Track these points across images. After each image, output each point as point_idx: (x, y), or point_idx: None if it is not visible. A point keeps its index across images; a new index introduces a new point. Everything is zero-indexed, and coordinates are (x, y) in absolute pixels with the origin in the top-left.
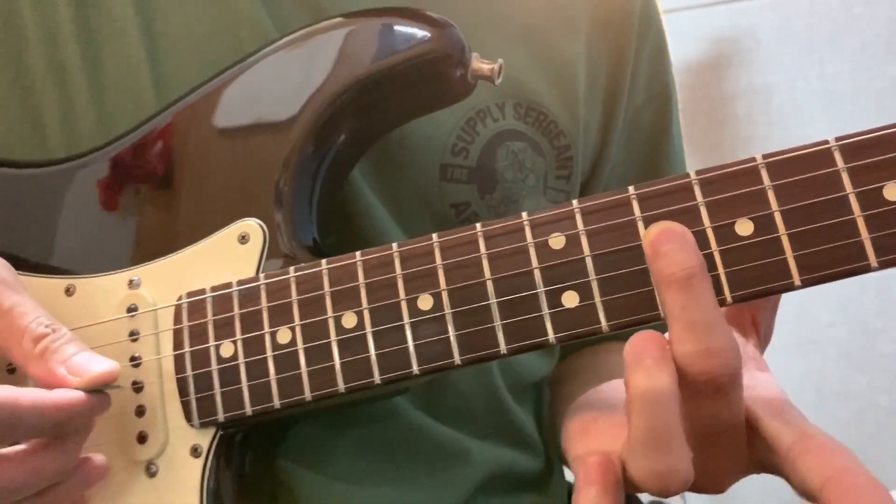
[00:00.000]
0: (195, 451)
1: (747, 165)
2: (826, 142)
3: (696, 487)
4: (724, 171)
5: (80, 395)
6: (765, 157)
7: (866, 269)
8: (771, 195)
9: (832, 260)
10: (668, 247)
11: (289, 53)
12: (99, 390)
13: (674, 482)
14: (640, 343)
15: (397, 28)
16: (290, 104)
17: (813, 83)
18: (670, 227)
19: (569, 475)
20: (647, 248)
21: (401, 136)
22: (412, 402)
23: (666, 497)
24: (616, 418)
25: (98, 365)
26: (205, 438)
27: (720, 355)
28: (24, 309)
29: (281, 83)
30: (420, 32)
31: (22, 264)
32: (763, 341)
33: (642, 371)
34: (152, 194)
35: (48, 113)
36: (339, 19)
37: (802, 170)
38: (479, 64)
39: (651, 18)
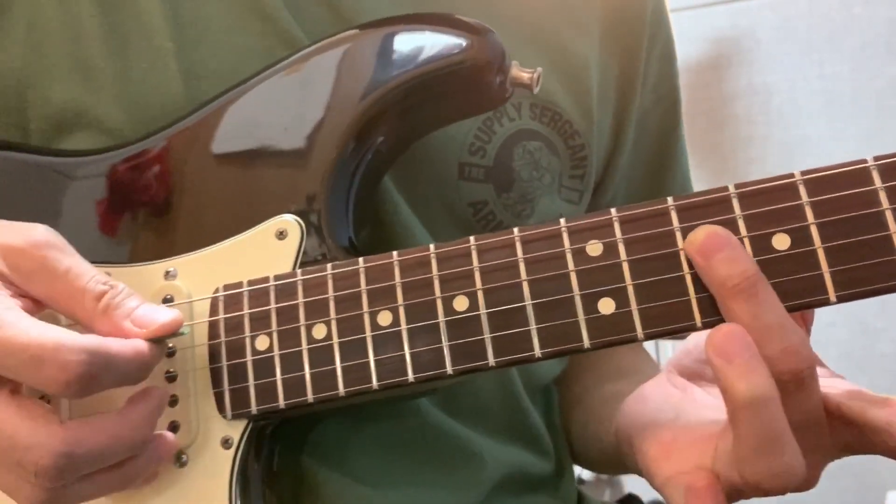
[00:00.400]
0: (226, 443)
1: (786, 181)
2: (864, 161)
3: None
4: (763, 185)
5: (147, 343)
6: (803, 173)
7: None
8: (808, 210)
9: (868, 276)
10: (721, 255)
11: (326, 58)
12: (160, 340)
13: (793, 479)
14: (725, 342)
15: (440, 34)
16: (329, 108)
17: (813, 83)
18: (716, 232)
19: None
20: (694, 255)
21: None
22: (431, 401)
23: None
24: (695, 435)
25: (161, 315)
26: (236, 430)
27: (799, 351)
28: (80, 270)
29: (319, 88)
30: (461, 39)
31: None
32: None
33: (741, 377)
34: (191, 187)
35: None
36: (375, 25)
37: (840, 187)
38: (519, 72)
39: (661, 19)
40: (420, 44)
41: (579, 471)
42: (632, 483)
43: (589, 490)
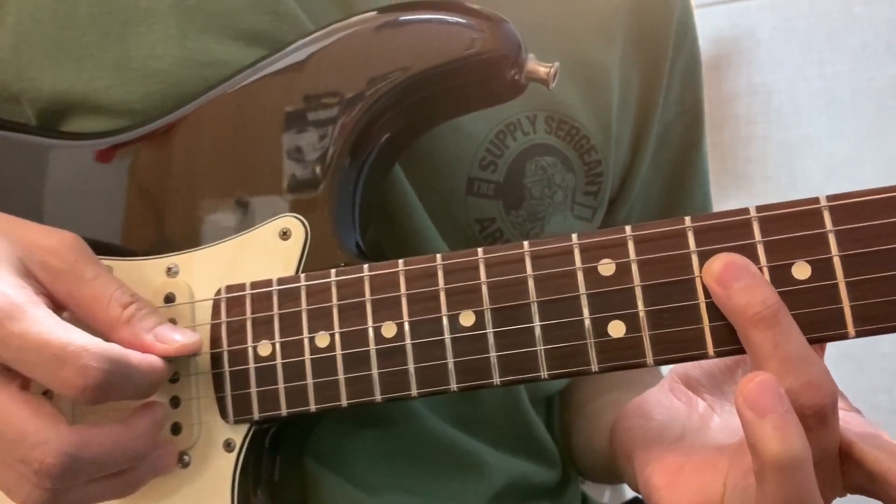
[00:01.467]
0: (228, 446)
1: (810, 207)
2: (894, 188)
3: None
4: (786, 210)
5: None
6: (829, 198)
7: None
8: (832, 240)
9: (890, 312)
10: (740, 283)
11: (335, 45)
12: (171, 360)
13: None
14: (759, 395)
15: (450, 22)
16: (337, 99)
17: (813, 83)
18: (734, 261)
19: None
20: (712, 284)
21: (430, 146)
22: (435, 410)
23: None
24: (702, 462)
25: (181, 336)
26: (238, 433)
27: (822, 385)
28: (108, 278)
29: (327, 77)
30: (475, 28)
31: None
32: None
33: (775, 436)
34: (194, 181)
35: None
36: (386, 11)
37: (867, 216)
38: (536, 66)
39: (688, 28)
40: (430, 33)
41: None
42: None
43: (589, 491)
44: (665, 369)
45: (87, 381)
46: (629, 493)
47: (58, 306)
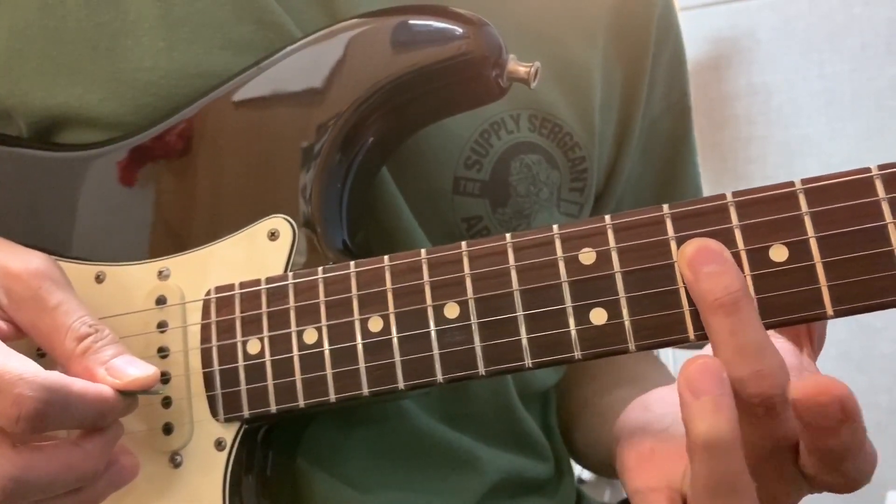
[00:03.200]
0: (219, 444)
1: (785, 190)
2: (868, 170)
3: None
4: (762, 194)
5: (115, 393)
6: (803, 181)
7: None
8: (808, 221)
9: (867, 292)
10: (709, 268)
11: (321, 49)
12: (132, 394)
13: None
14: (698, 377)
15: (432, 26)
16: (323, 102)
17: (813, 83)
18: (707, 246)
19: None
20: (684, 268)
21: (416, 147)
22: (425, 408)
23: None
24: (673, 448)
25: (136, 370)
26: (229, 432)
27: (771, 376)
28: (70, 307)
29: (313, 81)
30: (456, 31)
31: (53, 249)
32: (817, 349)
33: (703, 415)
34: (183, 185)
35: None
36: (370, 16)
37: (841, 197)
38: (516, 66)
39: (670, 25)
40: (413, 37)
41: (579, 471)
42: None
43: (589, 490)
44: (674, 368)
45: (20, 410)
46: None
47: (19, 333)
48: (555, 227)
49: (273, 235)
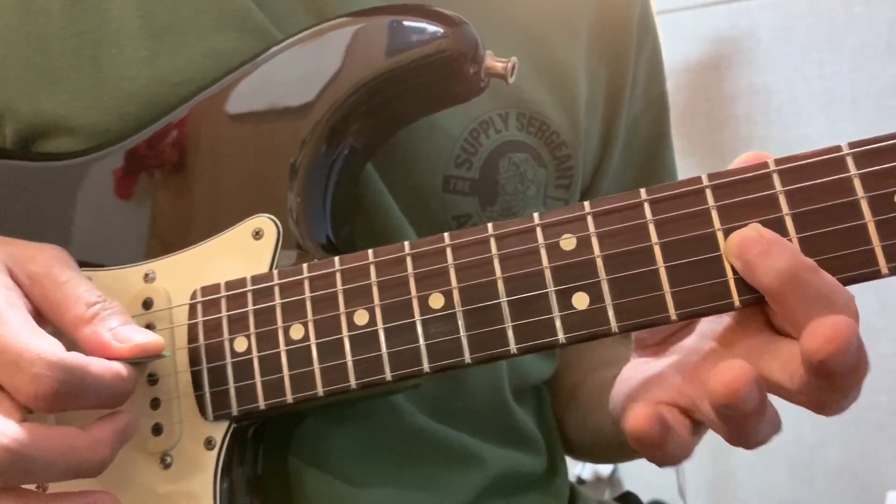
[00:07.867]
0: (209, 444)
1: (760, 172)
2: (839, 148)
3: None
4: (736, 176)
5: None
6: (777, 161)
7: (876, 276)
8: (782, 199)
9: (843, 265)
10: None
11: (302, 50)
12: (139, 363)
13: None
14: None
15: (411, 25)
16: (305, 102)
17: (813, 83)
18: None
19: (571, 472)
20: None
21: (407, 146)
22: (418, 404)
23: None
24: (654, 374)
25: (141, 336)
26: (218, 431)
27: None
28: (80, 281)
29: (295, 80)
30: (434, 29)
31: None
32: None
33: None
34: (168, 189)
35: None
36: (351, 16)
37: (814, 175)
38: (493, 62)
39: (648, 25)
40: (392, 36)
41: (579, 471)
42: (632, 484)
43: (589, 490)
44: None
45: (37, 389)
46: None
47: (36, 311)
48: (535, 215)
49: (257, 235)
